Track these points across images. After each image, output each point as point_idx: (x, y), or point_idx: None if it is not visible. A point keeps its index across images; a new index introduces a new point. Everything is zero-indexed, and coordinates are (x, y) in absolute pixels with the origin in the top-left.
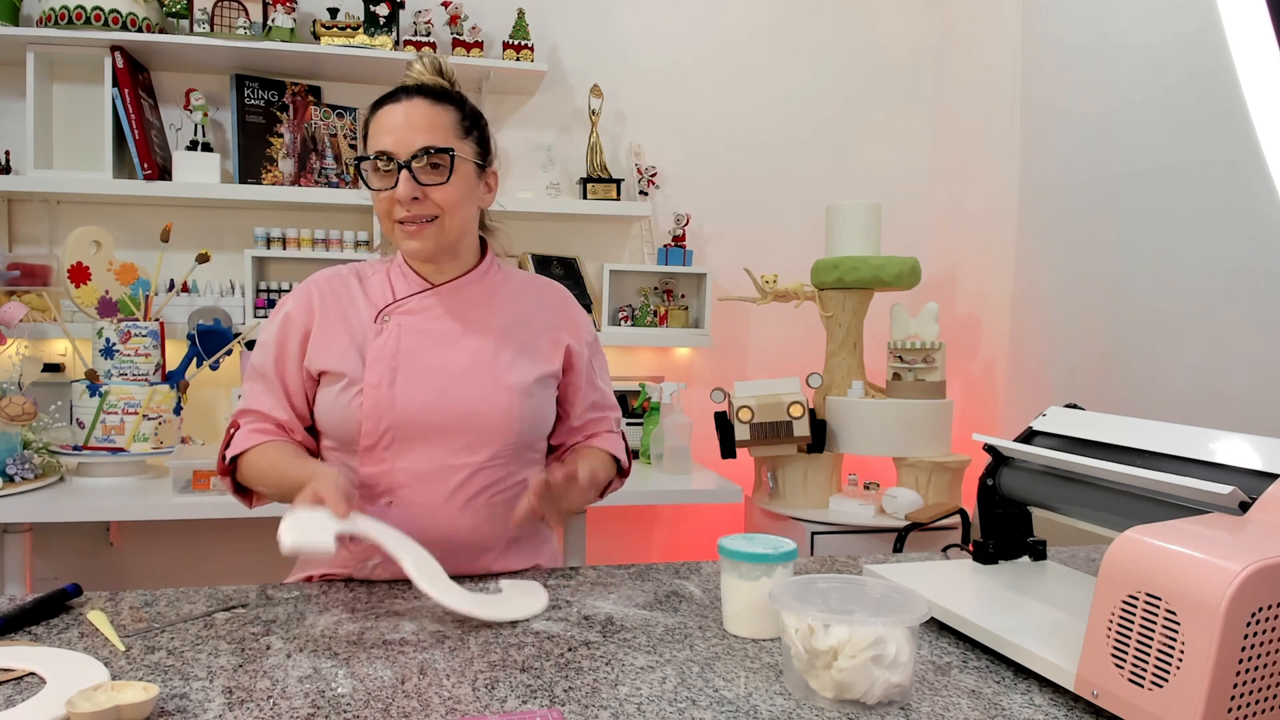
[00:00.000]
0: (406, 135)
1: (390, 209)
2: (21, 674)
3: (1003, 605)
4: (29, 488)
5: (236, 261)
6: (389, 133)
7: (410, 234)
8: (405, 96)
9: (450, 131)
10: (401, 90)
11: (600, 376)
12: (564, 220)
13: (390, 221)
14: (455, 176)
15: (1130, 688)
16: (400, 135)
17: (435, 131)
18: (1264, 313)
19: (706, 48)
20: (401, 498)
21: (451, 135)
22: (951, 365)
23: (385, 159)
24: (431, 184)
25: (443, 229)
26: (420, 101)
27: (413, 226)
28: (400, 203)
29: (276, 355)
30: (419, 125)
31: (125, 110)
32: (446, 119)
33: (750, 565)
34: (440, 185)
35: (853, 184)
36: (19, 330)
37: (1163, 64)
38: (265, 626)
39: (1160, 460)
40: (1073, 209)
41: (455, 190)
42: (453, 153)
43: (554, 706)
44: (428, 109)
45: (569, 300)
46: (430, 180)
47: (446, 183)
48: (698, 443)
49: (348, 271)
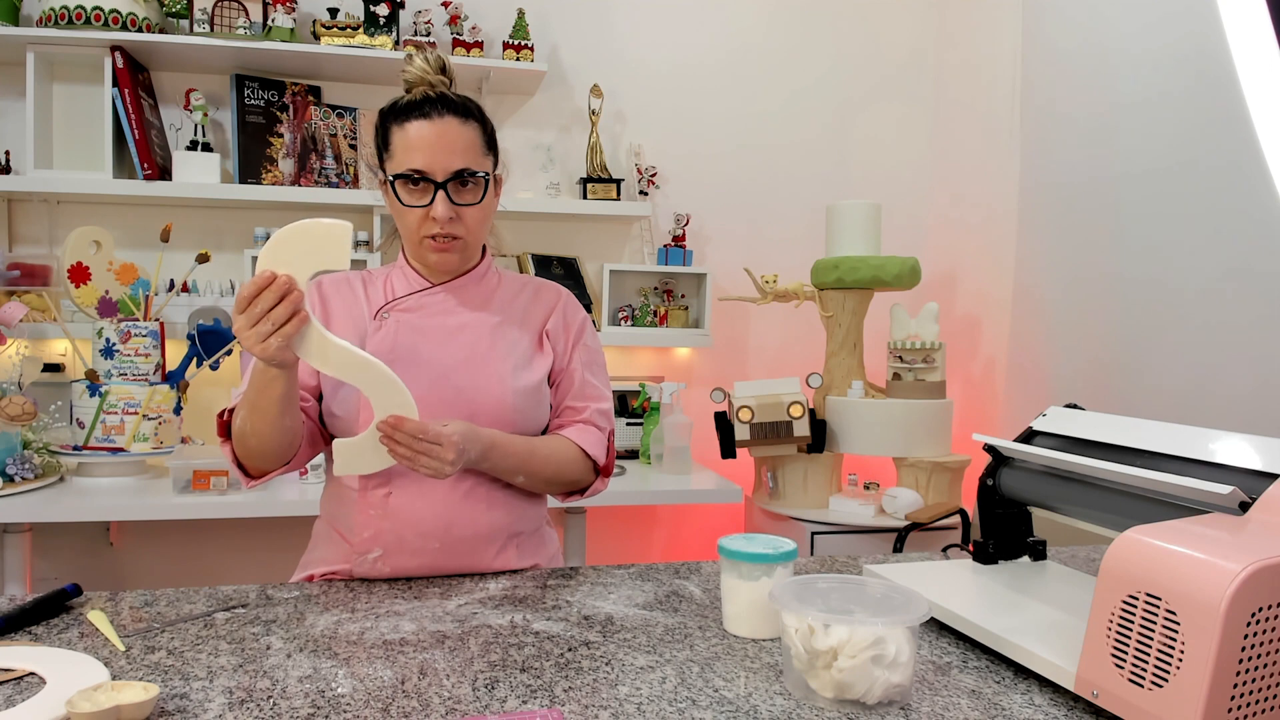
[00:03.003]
0: (442, 156)
1: (420, 225)
2: (21, 674)
3: (1003, 605)
4: (29, 488)
5: (236, 261)
6: (421, 151)
7: (438, 249)
8: (435, 113)
9: (479, 151)
10: (427, 104)
11: (588, 369)
12: (564, 220)
13: (417, 236)
14: (485, 197)
15: (1130, 688)
16: (434, 155)
17: (469, 153)
18: (1264, 313)
19: (707, 48)
20: (400, 490)
21: (480, 155)
22: (951, 365)
23: (419, 177)
24: (466, 204)
25: (468, 245)
26: (452, 120)
27: (442, 242)
28: (436, 221)
29: None
30: (453, 147)
31: (125, 110)
32: (475, 139)
33: (750, 565)
34: (474, 205)
35: (853, 184)
36: (19, 330)
37: (1163, 65)
38: (265, 626)
39: (1160, 460)
40: (1073, 209)
41: (485, 209)
42: (488, 176)
43: (554, 706)
44: (459, 127)
45: (563, 297)
46: (465, 200)
47: (480, 203)
48: (698, 443)
49: (353, 275)
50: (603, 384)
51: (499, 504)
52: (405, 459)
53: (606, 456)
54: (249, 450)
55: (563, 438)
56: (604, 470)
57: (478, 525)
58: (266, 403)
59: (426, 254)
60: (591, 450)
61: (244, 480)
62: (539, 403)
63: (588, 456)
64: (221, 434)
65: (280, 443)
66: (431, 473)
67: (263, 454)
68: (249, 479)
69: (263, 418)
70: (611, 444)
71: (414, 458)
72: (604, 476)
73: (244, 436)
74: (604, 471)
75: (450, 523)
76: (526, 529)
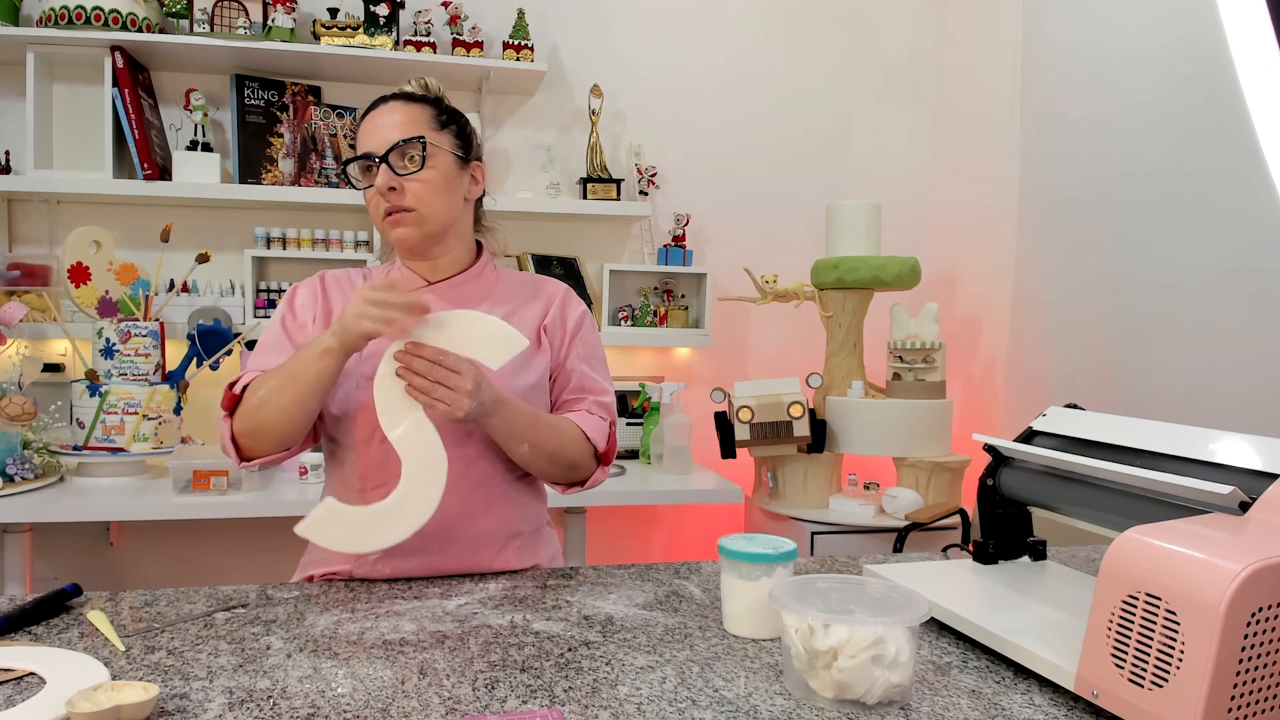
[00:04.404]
0: (384, 133)
1: (377, 205)
2: (21, 674)
3: (1003, 605)
4: (29, 488)
5: (236, 261)
6: (369, 135)
7: (392, 223)
8: (384, 103)
9: (424, 125)
10: (383, 99)
11: (585, 363)
12: (564, 220)
13: (380, 218)
14: (430, 166)
15: (1130, 688)
16: (379, 135)
17: (409, 126)
18: (1264, 313)
19: (707, 48)
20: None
21: (425, 128)
22: (951, 365)
23: (365, 158)
24: (407, 174)
25: (424, 217)
26: (396, 104)
27: (395, 215)
28: (381, 194)
29: (287, 323)
30: (395, 123)
31: (125, 110)
32: (421, 115)
33: (750, 565)
34: (415, 174)
35: (853, 184)
36: (19, 330)
37: (1163, 66)
38: (265, 626)
39: (1160, 460)
40: (1073, 210)
41: (430, 178)
42: (424, 139)
43: (554, 706)
44: (403, 108)
45: (562, 292)
46: (406, 170)
47: (421, 170)
48: (698, 443)
49: (354, 272)
50: (603, 378)
51: (499, 504)
52: (420, 390)
53: (607, 444)
54: (261, 422)
55: (564, 417)
56: (604, 458)
57: (478, 526)
58: (309, 377)
59: (387, 232)
60: (592, 433)
61: (235, 459)
62: (538, 402)
63: (588, 440)
64: (227, 406)
65: (298, 424)
66: (445, 408)
67: (274, 431)
68: (241, 460)
69: (294, 391)
70: (613, 434)
71: (430, 388)
72: (604, 465)
73: (260, 407)
74: (604, 459)
75: (450, 524)
76: (526, 529)
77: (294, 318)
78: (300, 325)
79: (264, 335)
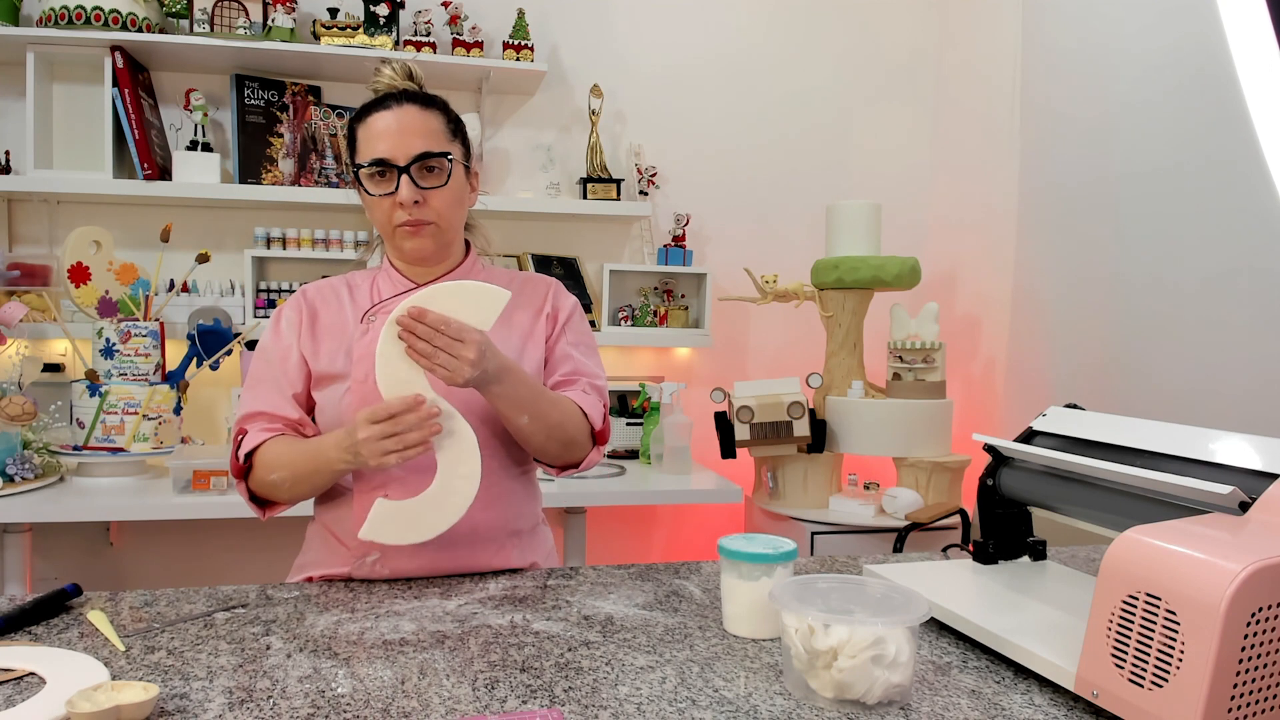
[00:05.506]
0: (402, 140)
1: (390, 214)
2: (21, 674)
3: (1003, 605)
4: (29, 488)
5: (236, 261)
6: (383, 139)
7: (410, 233)
8: (394, 103)
9: (442, 136)
10: (389, 97)
11: (575, 348)
12: (564, 220)
13: (390, 226)
14: (451, 179)
15: (1130, 688)
16: (396, 141)
17: (430, 137)
18: (1264, 313)
19: (706, 48)
20: (395, 492)
21: (444, 139)
22: (951, 365)
23: (382, 165)
24: (430, 187)
25: (441, 230)
26: (411, 107)
27: (415, 227)
28: (403, 206)
29: (280, 355)
30: (414, 130)
31: (125, 110)
32: (437, 124)
33: (750, 565)
34: (439, 189)
35: (853, 184)
36: (19, 330)
37: (1163, 66)
38: (265, 626)
39: (1160, 460)
40: (1072, 210)
41: (452, 193)
42: (450, 157)
43: (554, 706)
44: (419, 114)
45: (551, 286)
46: (429, 184)
47: (445, 185)
48: (698, 443)
49: (338, 281)
50: (594, 363)
51: (496, 502)
52: (423, 356)
53: (603, 423)
54: (277, 497)
55: (563, 394)
56: (599, 437)
57: (476, 524)
58: (320, 479)
59: (401, 242)
60: (589, 411)
61: (260, 514)
62: None
63: (586, 418)
64: (238, 475)
65: (313, 495)
66: (448, 375)
67: (290, 502)
68: (264, 512)
69: (308, 486)
70: (606, 414)
71: (433, 354)
72: (599, 445)
73: (275, 488)
74: (600, 439)
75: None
76: (524, 527)
77: (279, 341)
78: (286, 348)
79: (253, 367)
